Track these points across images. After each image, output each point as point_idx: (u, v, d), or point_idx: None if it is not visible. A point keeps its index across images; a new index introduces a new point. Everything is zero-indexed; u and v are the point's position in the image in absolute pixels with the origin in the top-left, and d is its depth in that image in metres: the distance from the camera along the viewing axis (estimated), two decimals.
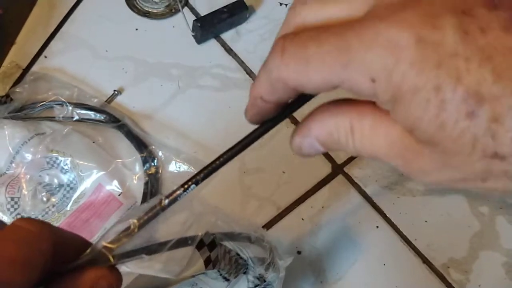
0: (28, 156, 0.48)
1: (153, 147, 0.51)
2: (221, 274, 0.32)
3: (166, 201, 0.23)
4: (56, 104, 0.52)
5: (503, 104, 0.16)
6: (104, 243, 0.22)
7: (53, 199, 0.48)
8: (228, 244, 0.33)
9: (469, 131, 0.16)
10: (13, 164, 0.48)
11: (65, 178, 0.49)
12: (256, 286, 0.37)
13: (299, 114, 0.56)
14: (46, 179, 0.49)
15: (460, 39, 0.16)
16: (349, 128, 0.20)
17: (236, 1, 0.57)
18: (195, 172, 0.23)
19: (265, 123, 0.22)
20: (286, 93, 0.20)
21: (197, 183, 0.23)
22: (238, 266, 0.34)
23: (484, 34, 0.16)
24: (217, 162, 0.24)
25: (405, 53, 0.16)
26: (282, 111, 0.22)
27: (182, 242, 0.29)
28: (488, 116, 0.16)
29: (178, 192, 0.23)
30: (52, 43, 0.56)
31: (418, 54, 0.16)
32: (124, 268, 0.24)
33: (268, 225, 0.50)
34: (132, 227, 0.22)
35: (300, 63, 0.18)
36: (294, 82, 0.19)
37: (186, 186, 0.23)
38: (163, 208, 0.23)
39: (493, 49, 0.16)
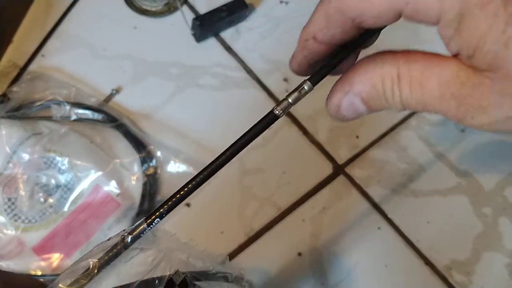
0: (25, 156, 0.48)
1: (152, 147, 0.51)
2: None
3: (129, 238, 0.21)
4: (53, 104, 0.52)
5: None
6: (61, 286, 0.21)
7: (50, 200, 0.48)
8: (202, 285, 0.30)
9: None
10: (10, 164, 0.47)
11: (62, 179, 0.48)
12: None
13: (299, 114, 0.55)
14: (44, 179, 0.48)
15: None
16: (396, 75, 0.19)
17: None
18: (194, 172, 0.22)
19: (263, 118, 0.21)
20: (343, 27, 0.19)
21: (161, 217, 0.22)
22: None
23: None
24: (182, 192, 0.22)
25: None
26: (329, 60, 0.20)
27: (148, 284, 0.25)
28: None
29: (141, 227, 0.22)
30: (50, 42, 0.56)
31: None
32: None
33: (268, 226, 0.50)
34: (91, 267, 0.21)
35: None
36: (354, 9, 0.18)
37: (149, 220, 0.22)
38: (126, 246, 0.21)
39: None
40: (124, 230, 0.22)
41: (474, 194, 0.52)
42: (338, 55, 0.20)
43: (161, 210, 0.21)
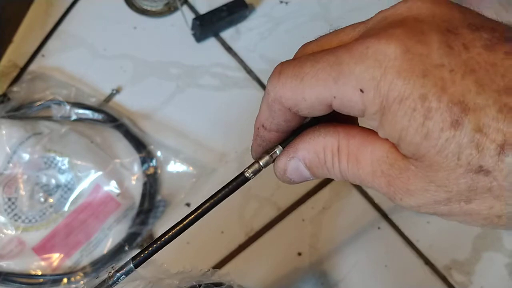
0: (26, 156, 0.48)
1: (152, 147, 0.51)
2: None
3: (116, 275, 0.22)
4: (53, 104, 0.52)
5: (486, 114, 0.16)
6: None
7: (50, 200, 0.48)
8: None
9: (454, 140, 0.16)
10: (11, 164, 0.47)
11: (62, 179, 0.48)
12: None
13: None
14: (44, 179, 0.48)
15: (445, 53, 0.17)
16: (336, 147, 0.20)
17: None
18: (194, 172, 0.22)
19: (234, 180, 0.22)
20: (283, 116, 0.21)
21: (146, 259, 0.22)
22: None
23: (467, 50, 0.17)
24: (166, 236, 0.22)
25: (392, 63, 0.17)
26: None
27: None
28: (473, 126, 0.16)
29: (129, 266, 0.22)
30: (50, 42, 0.56)
31: (405, 64, 0.17)
32: None
33: (268, 226, 0.50)
34: None
35: (296, 81, 0.19)
36: (289, 100, 0.20)
37: (136, 260, 0.22)
38: (113, 283, 0.22)
39: (476, 63, 0.17)
40: (112, 267, 0.22)
41: None
42: (307, 125, 0.22)
43: (149, 249, 0.22)
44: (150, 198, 0.49)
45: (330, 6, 0.59)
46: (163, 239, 0.22)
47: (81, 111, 0.52)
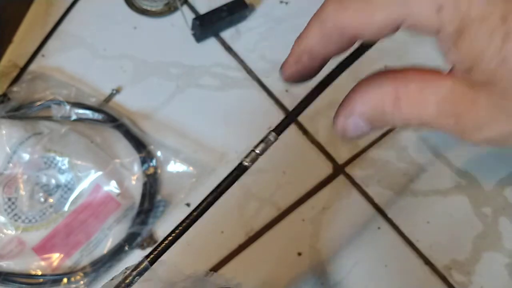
0: (26, 156, 0.48)
1: (152, 147, 0.51)
2: None
3: (132, 274, 0.22)
4: (53, 104, 0.52)
5: None
6: None
7: (50, 200, 0.48)
8: None
9: None
10: (11, 164, 0.47)
11: (62, 179, 0.48)
12: None
13: (304, 118, 0.55)
14: (44, 179, 0.48)
15: None
16: (394, 95, 0.19)
17: None
18: (194, 172, 0.22)
19: (233, 171, 0.22)
20: (341, 43, 0.19)
21: (161, 254, 0.22)
22: None
23: None
24: (178, 230, 0.22)
25: None
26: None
27: None
28: None
29: (144, 264, 0.22)
30: (50, 42, 0.56)
31: None
32: None
33: (268, 226, 0.50)
34: None
35: (361, 3, 0.17)
36: (353, 27, 0.18)
37: (151, 257, 0.22)
38: (130, 284, 0.22)
39: None
40: (126, 268, 0.22)
41: (474, 194, 0.52)
42: (303, 101, 0.21)
43: (162, 246, 0.22)
44: (150, 198, 0.49)
45: None
46: (174, 234, 0.22)
47: (81, 111, 0.52)
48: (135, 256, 0.48)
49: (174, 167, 0.51)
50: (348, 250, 0.49)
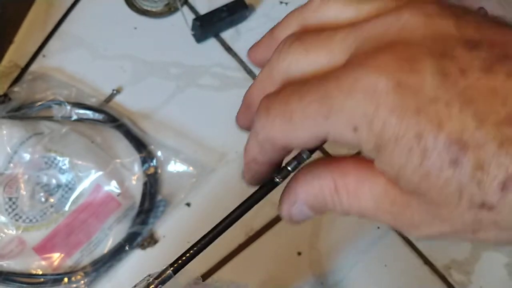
0: (26, 156, 0.48)
1: (152, 147, 0.51)
2: None
3: (155, 282, 0.22)
4: (54, 104, 0.52)
5: (487, 151, 0.15)
6: None
7: (51, 200, 0.48)
8: None
9: (454, 179, 0.16)
10: (11, 164, 0.48)
11: (63, 179, 0.48)
12: None
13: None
14: (44, 179, 0.48)
15: (439, 83, 0.16)
16: (333, 188, 0.20)
17: None
18: (194, 172, 0.22)
19: (264, 185, 0.22)
20: (276, 152, 0.20)
21: (186, 263, 0.22)
22: None
23: (465, 76, 0.16)
24: (195, 248, 0.22)
25: (384, 98, 0.16)
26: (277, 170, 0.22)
27: None
28: (473, 164, 0.15)
29: (167, 272, 0.22)
30: (51, 42, 0.56)
31: (398, 100, 0.16)
32: None
33: (268, 226, 0.50)
34: None
35: (285, 120, 0.18)
36: (281, 140, 0.19)
37: (175, 266, 0.22)
38: None
39: (474, 91, 0.15)
40: (149, 275, 0.22)
41: None
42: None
43: (187, 255, 0.22)
44: (151, 198, 0.49)
45: None
46: (199, 244, 0.22)
47: (81, 111, 0.52)
48: (136, 256, 0.48)
49: (174, 167, 0.51)
50: (348, 250, 0.50)
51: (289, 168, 0.22)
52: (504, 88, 0.15)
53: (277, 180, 0.22)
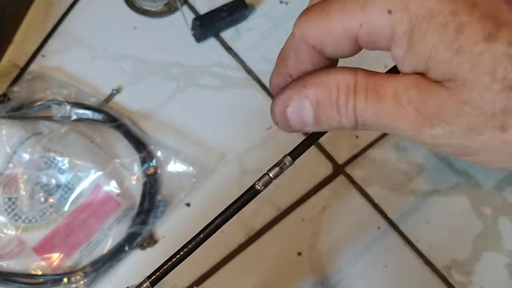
0: (26, 156, 0.48)
1: (152, 147, 0.51)
2: None
3: None
4: (54, 104, 0.52)
5: None
6: None
7: (50, 200, 0.48)
8: None
9: (488, 53, 0.16)
10: (11, 164, 0.48)
11: (62, 179, 0.48)
12: None
13: None
14: (44, 179, 0.48)
15: None
16: (353, 84, 0.18)
17: None
18: (194, 172, 0.22)
19: (244, 193, 0.21)
20: (311, 58, 0.19)
21: (164, 275, 0.22)
22: None
23: None
24: (182, 252, 0.22)
25: None
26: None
27: None
28: (507, 39, 0.15)
29: (144, 285, 0.21)
30: (50, 42, 0.56)
31: None
32: None
33: (268, 226, 0.50)
34: None
35: (322, 15, 0.18)
36: (314, 37, 0.19)
37: (152, 278, 0.21)
38: None
39: None
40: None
41: (474, 194, 0.52)
42: (316, 133, 0.21)
43: (165, 267, 0.21)
44: (150, 198, 0.49)
45: None
46: (178, 255, 0.21)
47: (81, 111, 0.52)
48: (135, 256, 0.48)
49: (174, 167, 0.51)
50: (348, 250, 0.49)
51: (270, 175, 0.21)
52: None
53: (258, 187, 0.22)
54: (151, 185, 0.50)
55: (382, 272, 0.49)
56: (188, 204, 0.50)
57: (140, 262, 0.48)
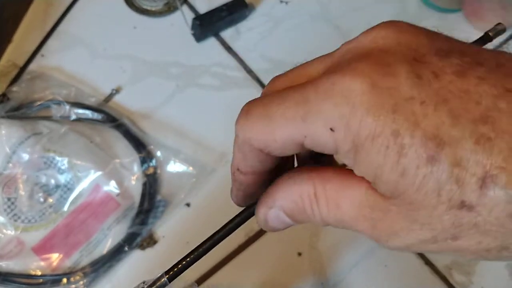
0: (25, 156, 0.48)
1: (152, 147, 0.51)
2: None
3: None
4: (53, 104, 0.52)
5: (464, 147, 0.15)
6: None
7: (50, 200, 0.48)
8: None
9: (432, 176, 0.16)
10: (10, 164, 0.47)
11: (62, 179, 0.48)
12: None
13: None
14: (43, 179, 0.48)
15: (414, 84, 0.16)
16: (313, 194, 0.19)
17: None
18: (194, 172, 0.22)
19: (249, 207, 0.22)
20: (256, 157, 0.20)
21: (181, 271, 0.22)
22: None
23: (438, 79, 0.16)
24: (187, 259, 0.22)
25: (360, 99, 0.16)
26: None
27: None
28: (450, 160, 0.15)
29: (162, 280, 0.21)
30: (49, 41, 0.56)
31: (373, 100, 0.16)
32: None
33: None
34: None
35: (264, 121, 0.19)
36: (259, 142, 0.19)
37: (170, 273, 0.21)
38: None
39: (448, 92, 0.16)
40: (143, 282, 0.22)
41: None
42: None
43: (183, 263, 0.21)
44: (150, 198, 0.49)
45: (330, 6, 0.59)
46: (196, 252, 0.22)
47: (80, 111, 0.52)
48: (135, 257, 0.48)
49: (174, 167, 0.51)
50: (348, 250, 0.49)
51: None
52: (477, 90, 0.16)
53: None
54: (151, 185, 0.49)
55: (382, 272, 0.49)
56: (188, 204, 0.50)
57: (139, 262, 0.48)
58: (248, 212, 0.22)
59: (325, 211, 0.19)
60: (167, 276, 0.21)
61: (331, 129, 0.17)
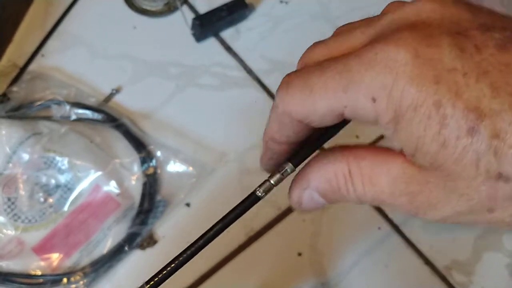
0: (25, 156, 0.47)
1: (152, 147, 0.51)
2: None
3: None
4: (53, 104, 0.52)
5: (503, 119, 0.15)
6: None
7: (50, 200, 0.48)
8: None
9: (471, 148, 0.16)
10: (10, 164, 0.47)
11: (62, 179, 0.48)
12: None
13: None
14: (43, 179, 0.48)
15: (456, 56, 0.16)
16: (347, 172, 0.20)
17: None
18: (194, 172, 0.22)
19: (245, 199, 0.22)
20: (293, 128, 0.20)
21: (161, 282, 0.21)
22: None
23: (480, 52, 0.16)
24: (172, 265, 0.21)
25: (403, 69, 0.16)
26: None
27: None
28: (489, 132, 0.16)
29: None
30: (50, 41, 0.56)
31: (416, 70, 0.16)
32: None
33: (268, 226, 0.50)
34: None
35: (305, 92, 0.19)
36: (299, 113, 0.19)
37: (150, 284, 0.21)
38: None
39: (489, 65, 0.16)
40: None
41: None
42: (318, 139, 0.21)
43: (163, 272, 0.21)
44: (150, 198, 0.49)
45: (330, 5, 0.59)
46: (177, 260, 0.21)
47: (80, 111, 0.52)
48: (135, 257, 0.48)
49: (174, 167, 0.51)
50: (349, 250, 0.49)
51: (271, 182, 0.21)
52: None
53: (259, 194, 0.22)
54: (151, 185, 0.49)
55: (382, 272, 0.49)
56: (188, 204, 0.50)
57: (139, 263, 0.48)
58: (235, 212, 0.22)
59: (361, 189, 0.19)
60: (147, 286, 0.21)
61: (373, 99, 0.17)
